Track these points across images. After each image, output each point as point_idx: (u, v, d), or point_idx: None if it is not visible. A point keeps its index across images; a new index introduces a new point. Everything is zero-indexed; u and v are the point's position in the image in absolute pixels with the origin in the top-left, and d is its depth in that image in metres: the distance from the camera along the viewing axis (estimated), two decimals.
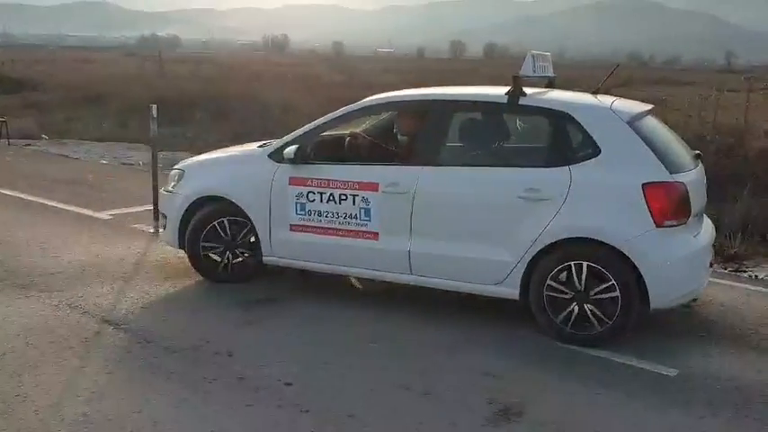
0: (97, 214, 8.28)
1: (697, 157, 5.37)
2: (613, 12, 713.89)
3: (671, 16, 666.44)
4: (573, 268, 4.63)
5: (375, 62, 56.19)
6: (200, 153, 13.30)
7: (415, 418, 3.73)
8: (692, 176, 4.91)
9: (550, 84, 5.77)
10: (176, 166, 6.31)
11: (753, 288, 6.24)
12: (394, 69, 38.58)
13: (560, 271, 4.67)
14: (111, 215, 8.26)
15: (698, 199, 4.93)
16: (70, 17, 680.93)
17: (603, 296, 4.57)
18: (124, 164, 12.76)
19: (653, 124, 5.20)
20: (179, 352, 4.47)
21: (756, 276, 6.71)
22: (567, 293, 4.67)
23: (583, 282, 4.61)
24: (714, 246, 5.44)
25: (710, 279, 5.34)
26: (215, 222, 5.74)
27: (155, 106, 7.55)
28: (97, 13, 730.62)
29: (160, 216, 6.29)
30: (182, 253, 6.58)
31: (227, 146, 13.64)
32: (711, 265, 5.20)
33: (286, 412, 3.75)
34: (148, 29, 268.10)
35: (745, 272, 6.82)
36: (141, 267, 6.24)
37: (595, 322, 4.62)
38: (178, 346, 4.56)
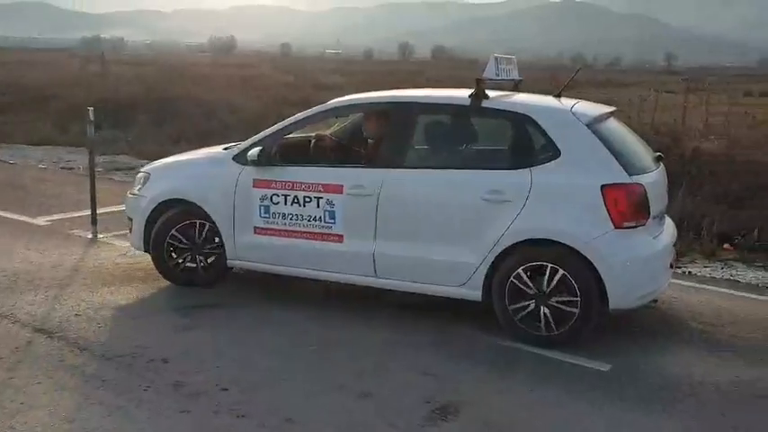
0: (34, 220, 8.07)
1: (658, 158, 5.40)
2: (556, 14, 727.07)
3: (612, 18, 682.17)
4: (534, 270, 4.65)
5: (323, 63, 56.10)
6: (141, 157, 13.23)
7: (352, 420, 3.74)
8: (652, 178, 4.95)
9: (516, 87, 5.82)
10: (142, 169, 6.25)
11: (686, 284, 6.41)
12: (341, 70, 38.60)
13: (522, 272, 4.70)
14: (48, 221, 8.05)
15: (658, 200, 4.98)
16: (8, 18, 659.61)
17: (563, 297, 4.60)
18: (63, 168, 12.44)
19: (614, 126, 5.26)
20: (113, 359, 4.38)
21: (690, 272, 6.92)
22: (527, 295, 4.69)
23: (545, 284, 4.64)
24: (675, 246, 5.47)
25: None
26: (180, 225, 5.68)
27: (91, 109, 7.37)
28: (37, 14, 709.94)
29: (126, 219, 6.20)
30: (120, 259, 6.49)
31: (169, 149, 13.55)
32: (672, 266, 5.23)
33: (222, 418, 3.71)
34: (91, 30, 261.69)
35: (679, 268, 7.03)
36: (78, 274, 6.09)
37: (551, 325, 4.65)
38: (113, 353, 4.47)
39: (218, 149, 6.05)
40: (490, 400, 4.04)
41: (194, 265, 5.74)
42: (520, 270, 4.69)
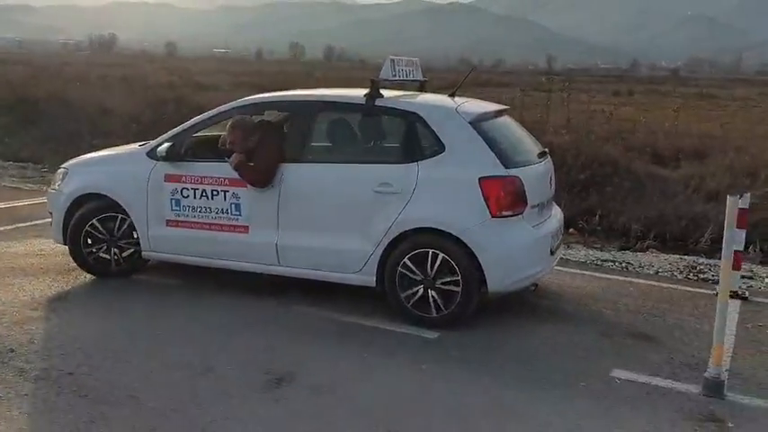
0: None
1: (543, 153, 5.75)
2: (442, 17, 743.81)
3: (494, 21, 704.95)
4: (420, 256, 4.98)
5: (209, 63, 55.13)
6: (4, 159, 12.76)
7: (192, 394, 3.99)
8: (532, 171, 5.29)
9: (422, 87, 6.14)
10: (62, 166, 6.33)
11: None
12: (228, 71, 38.18)
13: (410, 259, 5.01)
14: None
15: (538, 192, 5.31)
16: None
17: (447, 282, 4.94)
18: None
19: (502, 123, 5.62)
20: None
21: None
22: (416, 279, 5.01)
23: (429, 269, 4.96)
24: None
25: None
26: (96, 219, 5.84)
27: None
28: None
29: (48, 213, 6.28)
30: None
31: (36, 150, 13.14)
32: (553, 253, 5.50)
33: (64, 398, 3.87)
34: None
35: None
36: None
37: (435, 307, 4.99)
38: None
39: (134, 146, 6.20)
40: (323, 368, 4.40)
41: (109, 257, 5.91)
42: (406, 259, 5.02)
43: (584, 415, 3.91)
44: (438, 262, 4.95)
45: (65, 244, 6.02)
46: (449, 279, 4.97)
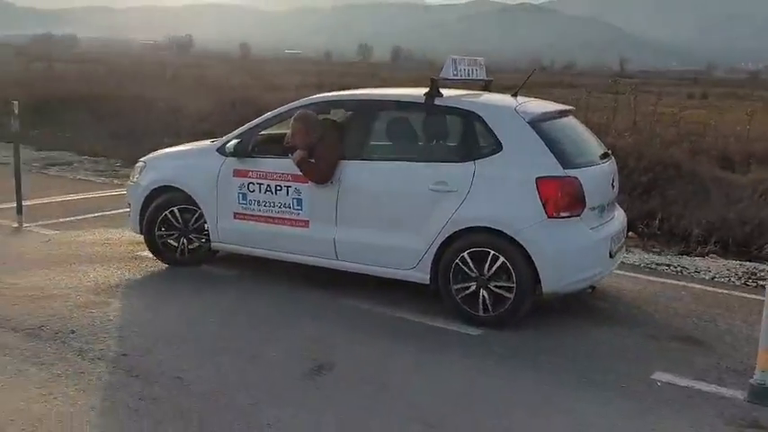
0: None
1: (605, 155, 5.69)
2: (513, 17, 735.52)
3: (566, 22, 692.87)
4: (475, 255, 4.99)
5: (281, 64, 56.20)
6: (80, 153, 13.40)
7: (237, 378, 4.16)
8: (593, 172, 5.24)
9: (486, 87, 6.18)
10: (140, 159, 6.67)
11: None
12: (299, 71, 38.88)
13: (466, 256, 5.03)
14: None
15: (598, 193, 5.24)
16: None
17: (501, 286, 4.95)
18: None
19: (564, 124, 5.60)
20: (22, 331, 4.72)
21: None
22: (470, 277, 5.03)
23: (486, 269, 4.97)
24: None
25: None
26: (169, 210, 6.14)
27: (16, 103, 7.64)
28: None
29: (126, 205, 6.65)
30: (41, 246, 6.82)
31: (108, 146, 13.73)
32: (612, 256, 5.39)
33: (117, 377, 4.10)
34: (42, 27, 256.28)
35: None
36: None
37: (490, 306, 5.00)
38: (22, 326, 4.80)
39: (206, 142, 6.50)
40: (365, 359, 4.51)
41: (182, 247, 6.22)
42: (465, 254, 5.02)
43: (621, 415, 3.89)
44: (497, 264, 4.95)
45: (140, 233, 6.34)
46: (503, 284, 4.96)
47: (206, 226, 6.09)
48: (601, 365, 4.54)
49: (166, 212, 6.16)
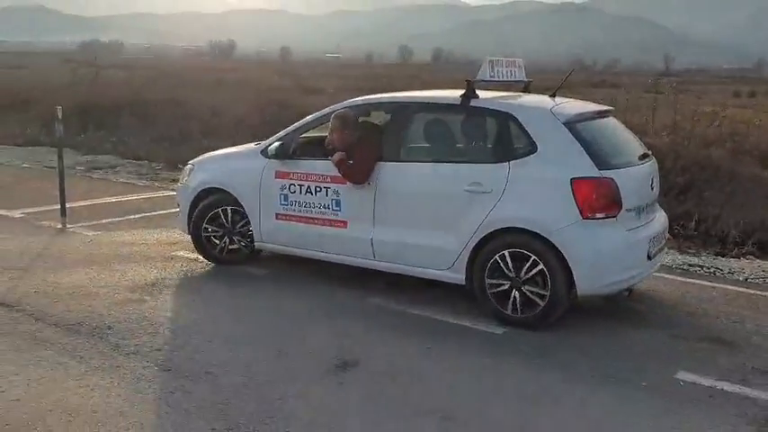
0: (10, 213, 8.63)
1: (644, 156, 5.63)
2: (554, 17, 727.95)
3: (609, 21, 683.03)
4: (509, 256, 5.03)
5: (320, 67, 56.74)
6: (123, 157, 13.78)
7: (265, 373, 4.30)
8: (629, 173, 5.19)
9: (526, 88, 6.21)
10: (189, 162, 6.94)
11: None
12: (339, 74, 39.24)
13: (499, 258, 5.07)
14: (23, 213, 8.61)
15: (636, 194, 5.19)
16: (4, 21, 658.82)
17: (536, 283, 4.96)
18: (46, 167, 12.93)
19: (603, 125, 5.58)
20: (63, 327, 4.94)
21: None
22: (504, 278, 5.06)
23: (518, 269, 5.00)
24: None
25: None
26: (215, 211, 6.38)
27: (60, 108, 7.94)
28: (33, 18, 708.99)
29: (176, 205, 6.94)
30: (83, 246, 7.10)
31: (151, 149, 14.09)
32: (651, 258, 5.32)
33: (150, 371, 4.27)
34: (89, 34, 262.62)
35: None
36: (42, 258, 6.65)
37: (525, 307, 5.01)
38: (63, 322, 5.02)
39: (251, 145, 6.69)
40: (389, 356, 4.61)
41: (222, 245, 6.44)
42: (502, 253, 5.05)
43: (641, 413, 3.92)
44: (535, 270, 4.95)
45: (188, 233, 6.57)
46: (537, 290, 4.97)
47: (250, 229, 6.26)
48: (625, 364, 4.55)
49: (218, 210, 6.37)
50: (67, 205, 8.16)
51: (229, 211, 6.36)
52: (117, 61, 47.55)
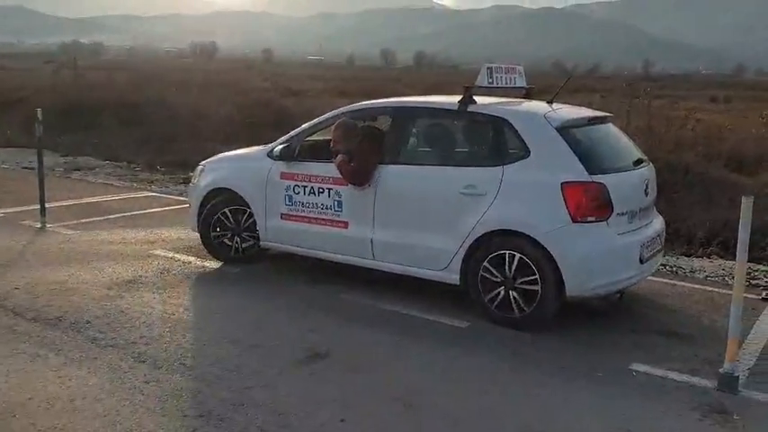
0: None
1: (639, 161, 5.76)
2: (537, 22, 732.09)
3: (591, 26, 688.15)
4: (501, 257, 5.19)
5: (303, 69, 56.82)
6: (104, 158, 13.86)
7: (236, 365, 4.47)
8: (621, 178, 5.34)
9: (528, 94, 6.39)
10: (200, 163, 7.13)
11: None
12: (318, 77, 39.38)
13: (492, 259, 5.23)
14: (3, 213, 8.73)
15: (628, 199, 5.32)
16: None
17: (527, 284, 5.11)
18: (25, 168, 13.01)
19: (597, 130, 5.74)
20: (41, 321, 5.09)
21: None
22: (497, 279, 5.22)
23: (511, 270, 5.16)
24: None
25: None
26: (223, 210, 6.57)
27: (39, 110, 8.05)
28: (15, 19, 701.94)
29: (188, 205, 7.15)
30: (62, 244, 7.23)
31: (134, 151, 14.13)
32: (643, 261, 5.39)
33: (126, 363, 4.44)
34: (71, 35, 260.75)
35: None
36: (22, 256, 6.79)
37: (516, 308, 5.17)
38: (42, 317, 5.17)
39: (259, 147, 6.86)
40: (359, 349, 4.81)
41: (236, 245, 6.63)
42: (498, 254, 5.20)
43: (593, 401, 4.14)
44: (516, 261, 5.11)
45: (197, 231, 6.76)
46: (528, 278, 5.10)
47: (254, 225, 6.44)
48: (582, 356, 4.79)
49: (222, 212, 6.56)
50: (47, 205, 8.28)
51: (235, 211, 6.54)
52: (97, 63, 47.32)
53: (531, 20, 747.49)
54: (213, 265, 6.64)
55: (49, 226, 8.02)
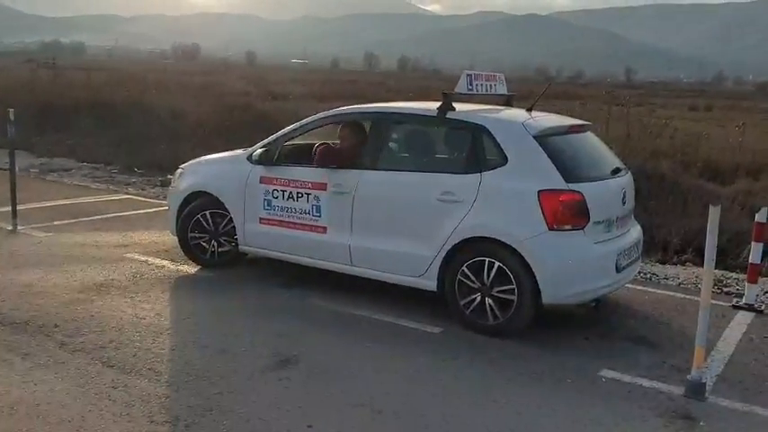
0: None
1: (617, 170, 5.72)
2: (519, 28, 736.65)
3: (574, 33, 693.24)
4: (478, 264, 5.18)
5: (286, 72, 56.67)
6: (80, 159, 13.72)
7: (205, 370, 4.44)
8: (598, 187, 5.33)
9: (509, 102, 6.42)
10: (180, 166, 7.09)
11: None
12: (302, 80, 39.29)
13: (470, 266, 5.22)
14: None
15: (605, 208, 5.33)
16: None
17: (504, 291, 5.11)
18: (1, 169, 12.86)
19: (576, 139, 5.73)
20: (9, 325, 5.02)
21: None
22: (474, 286, 5.22)
23: (487, 277, 5.16)
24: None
25: None
26: (201, 214, 6.52)
27: (12, 110, 7.96)
28: None
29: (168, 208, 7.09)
30: (33, 247, 7.15)
31: (110, 152, 14.01)
32: (619, 270, 5.39)
33: (94, 368, 4.39)
34: (51, 34, 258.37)
35: None
36: None
37: (491, 315, 5.18)
38: (9, 320, 5.11)
39: (239, 151, 6.82)
40: (328, 354, 4.80)
41: (212, 249, 6.59)
42: (475, 260, 5.19)
43: (559, 406, 4.15)
44: (494, 269, 5.11)
45: (176, 234, 6.72)
46: (505, 287, 5.11)
47: (235, 233, 6.41)
48: (552, 363, 4.80)
49: (200, 215, 6.53)
50: (19, 207, 8.18)
51: (214, 214, 6.50)
52: (78, 62, 46.88)
53: (515, 26, 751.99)
54: (187, 269, 6.61)
55: (20, 228, 7.92)
